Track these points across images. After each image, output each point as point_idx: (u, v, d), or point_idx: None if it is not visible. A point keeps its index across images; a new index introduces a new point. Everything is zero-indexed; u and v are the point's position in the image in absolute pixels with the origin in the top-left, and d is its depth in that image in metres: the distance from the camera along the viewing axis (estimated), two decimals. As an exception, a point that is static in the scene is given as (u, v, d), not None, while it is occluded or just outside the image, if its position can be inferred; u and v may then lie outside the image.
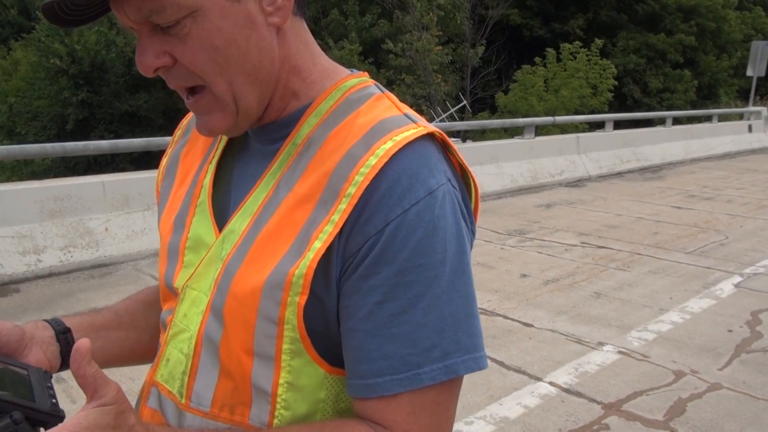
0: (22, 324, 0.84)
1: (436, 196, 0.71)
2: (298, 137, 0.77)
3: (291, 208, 0.73)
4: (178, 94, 0.75)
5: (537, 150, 9.28)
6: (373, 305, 0.70)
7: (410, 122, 0.75)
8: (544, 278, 4.83)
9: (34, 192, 4.71)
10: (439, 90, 17.79)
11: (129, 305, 1.00)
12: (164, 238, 0.88)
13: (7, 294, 4.23)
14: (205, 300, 0.78)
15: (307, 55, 0.79)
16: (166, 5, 0.66)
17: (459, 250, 0.73)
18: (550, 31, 24.00)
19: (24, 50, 25.15)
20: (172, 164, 0.94)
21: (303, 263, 0.70)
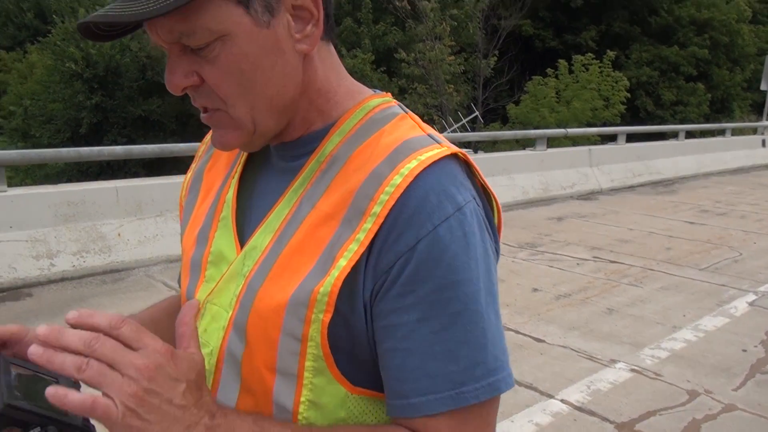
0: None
1: (465, 212, 0.71)
2: (322, 154, 0.78)
3: (314, 225, 0.73)
4: (190, 100, 0.75)
5: (549, 162, 9.26)
6: (413, 323, 0.70)
7: (434, 142, 0.76)
8: (555, 293, 4.80)
9: (49, 196, 4.74)
10: (451, 100, 17.81)
11: (153, 314, 1.01)
12: (187, 253, 0.89)
13: (20, 298, 4.25)
14: (225, 315, 0.78)
15: (333, 77, 0.80)
16: (196, 29, 0.68)
17: (488, 268, 0.74)
18: (562, 43, 24.00)
19: (40, 53, 25.40)
20: (196, 180, 0.95)
21: (328, 281, 0.70)
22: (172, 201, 5.28)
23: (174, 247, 5.14)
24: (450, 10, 18.36)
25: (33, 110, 21.98)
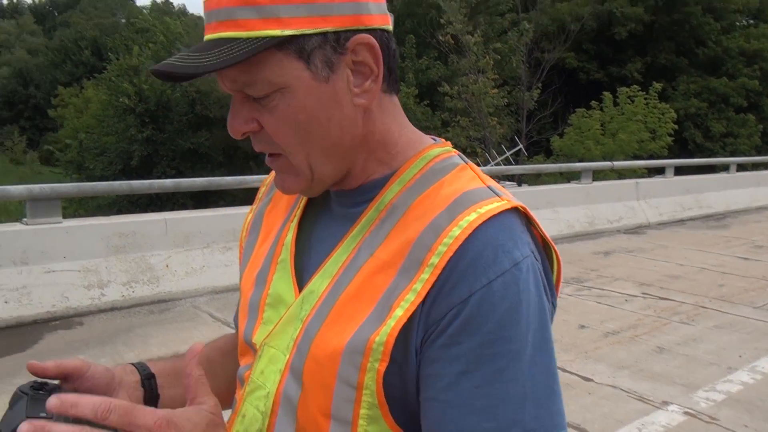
0: (112, 367, 0.86)
1: (521, 268, 0.71)
2: (381, 203, 0.78)
3: (372, 273, 0.74)
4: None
5: (594, 195, 9.12)
6: (455, 375, 0.69)
7: (494, 195, 0.75)
8: (603, 330, 4.68)
9: (101, 228, 4.88)
10: (495, 133, 17.79)
11: (208, 352, 1.01)
12: (245, 294, 0.90)
13: (71, 326, 4.35)
14: (282, 359, 0.79)
15: (394, 127, 0.81)
16: (257, 81, 0.71)
17: (541, 325, 0.72)
18: (607, 75, 23.85)
19: (95, 89, 26.44)
20: (257, 221, 0.97)
21: (384, 330, 0.70)
22: (218, 233, 5.37)
23: (220, 279, 5.21)
24: (493, 44, 18.45)
25: (87, 143, 22.82)
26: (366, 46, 0.73)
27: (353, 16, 0.72)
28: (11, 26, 62.75)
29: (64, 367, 0.79)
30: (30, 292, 4.37)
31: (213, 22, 0.71)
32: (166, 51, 22.39)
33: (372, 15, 0.74)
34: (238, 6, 0.69)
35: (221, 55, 0.68)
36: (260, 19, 0.68)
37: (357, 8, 0.72)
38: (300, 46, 0.70)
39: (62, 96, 34.13)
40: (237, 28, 0.69)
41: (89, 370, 0.81)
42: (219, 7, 0.70)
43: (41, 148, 36.69)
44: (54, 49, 46.04)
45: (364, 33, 0.73)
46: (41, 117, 41.36)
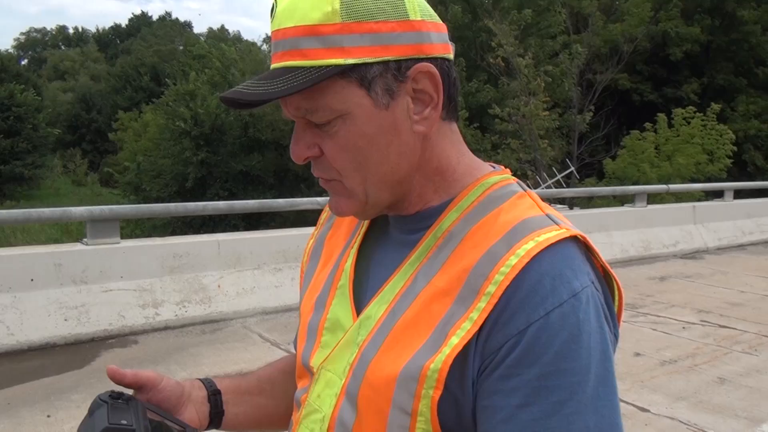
0: (182, 381, 0.89)
1: (580, 298, 0.70)
2: (439, 230, 0.79)
3: (428, 300, 0.74)
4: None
5: (649, 219, 8.89)
6: (513, 408, 0.68)
7: (553, 223, 0.75)
8: (660, 358, 4.53)
9: (157, 248, 5.01)
10: (545, 155, 17.60)
11: (270, 373, 1.04)
12: (304, 317, 0.92)
13: (126, 345, 4.46)
14: (339, 383, 0.80)
15: (453, 154, 0.82)
16: (319, 107, 0.73)
17: (603, 357, 0.70)
18: (661, 96, 23.35)
19: (153, 113, 27.33)
20: (318, 246, 0.99)
21: (439, 358, 0.70)
22: (268, 254, 5.44)
23: (270, 300, 5.27)
24: (545, 67, 18.32)
25: (145, 165, 23.55)
26: (426, 74, 0.74)
27: (414, 46, 0.74)
28: (76, 54, 65.70)
29: (139, 377, 0.83)
30: (88, 310, 4.51)
31: (279, 52, 0.74)
32: (221, 76, 23.05)
33: (433, 44, 0.76)
34: (303, 36, 0.71)
35: (287, 82, 0.71)
36: (324, 48, 0.71)
37: (418, 38, 0.74)
38: (362, 75, 0.72)
39: (122, 120, 35.40)
40: (302, 57, 0.71)
41: (162, 382, 0.85)
42: (285, 38, 0.73)
43: (101, 170, 38.02)
44: (115, 75, 47.92)
45: (425, 62, 0.74)
46: (102, 140, 42.95)
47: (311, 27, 0.71)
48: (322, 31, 0.71)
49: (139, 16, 76.97)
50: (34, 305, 4.33)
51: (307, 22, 0.71)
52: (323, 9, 0.71)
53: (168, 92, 24.37)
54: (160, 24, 72.19)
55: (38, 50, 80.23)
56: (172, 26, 71.15)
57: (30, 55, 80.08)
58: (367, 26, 0.71)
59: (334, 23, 0.71)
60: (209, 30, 71.77)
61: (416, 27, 0.74)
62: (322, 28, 0.71)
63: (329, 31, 0.71)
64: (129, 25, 75.51)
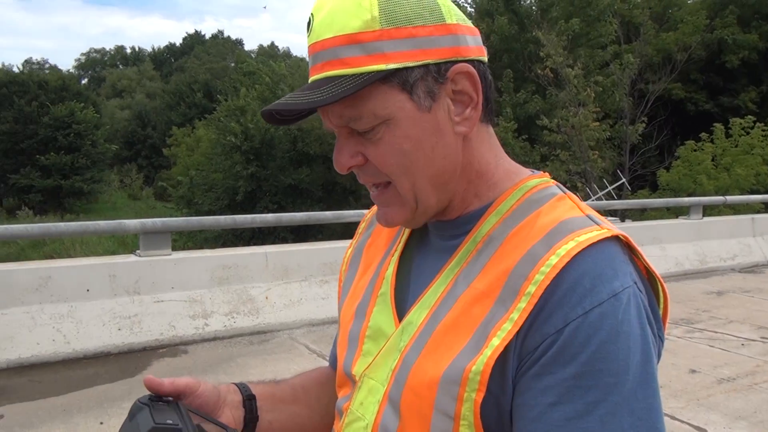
0: (218, 385, 0.90)
1: (621, 298, 0.69)
2: (478, 235, 0.79)
3: (469, 303, 0.74)
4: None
5: (705, 231, 8.61)
6: (545, 406, 0.68)
7: (593, 224, 0.74)
8: (717, 376, 4.36)
9: (207, 260, 5.11)
10: (596, 167, 17.26)
11: (304, 382, 1.04)
12: (345, 326, 0.92)
13: (177, 354, 4.55)
14: (381, 390, 0.80)
15: (491, 158, 0.82)
16: (363, 114, 0.74)
17: (644, 359, 0.69)
18: (717, 105, 22.67)
19: (205, 129, 28.03)
20: (356, 255, 1.00)
21: (480, 360, 0.70)
22: (315, 266, 5.49)
23: (316, 312, 5.30)
24: (594, 77, 18.02)
25: (197, 179, 24.11)
26: (465, 74, 0.76)
27: (452, 48, 0.75)
28: (133, 72, 67.99)
29: (177, 385, 0.84)
30: (141, 320, 4.62)
31: (318, 63, 0.75)
32: (270, 92, 23.47)
33: (469, 47, 0.77)
34: (344, 45, 0.73)
35: (330, 91, 0.72)
36: (365, 55, 0.72)
37: (456, 40, 0.75)
38: (403, 79, 0.73)
39: (176, 136, 36.43)
40: (343, 65, 0.73)
41: (200, 388, 0.86)
42: (324, 49, 0.74)
43: (156, 184, 39.13)
44: (170, 92, 49.42)
45: (463, 63, 0.75)
46: (157, 156, 44.27)
47: (351, 35, 0.72)
48: (363, 38, 0.72)
49: (193, 35, 79.30)
50: (90, 315, 4.46)
51: (347, 31, 0.72)
52: (363, 17, 0.72)
53: (219, 108, 24.94)
54: (213, 42, 74.17)
55: (97, 69, 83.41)
56: (224, 44, 73.00)
57: (90, 74, 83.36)
58: (406, 31, 0.73)
59: (374, 30, 0.72)
60: (259, 47, 73.39)
61: (453, 30, 0.75)
62: (363, 36, 0.72)
63: (370, 38, 0.72)
64: (183, 43, 77.91)
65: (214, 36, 78.72)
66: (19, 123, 35.76)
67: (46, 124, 35.69)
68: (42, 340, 4.25)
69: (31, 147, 35.43)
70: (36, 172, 34.97)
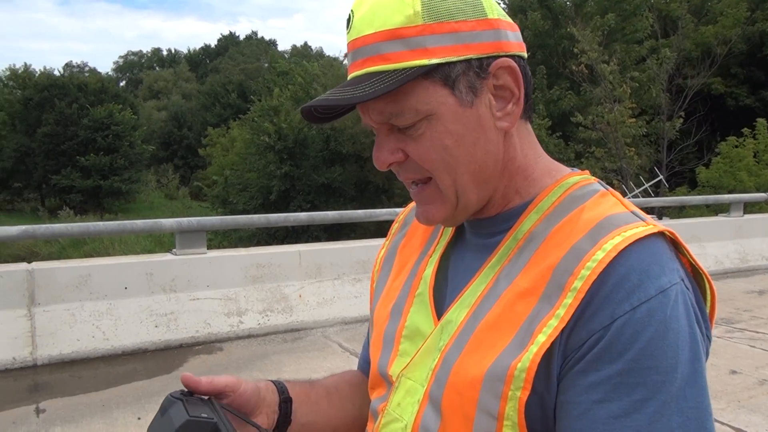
0: (257, 382, 0.90)
1: (669, 295, 0.67)
2: (519, 232, 0.78)
3: (512, 300, 0.73)
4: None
5: (746, 229, 8.40)
6: (591, 403, 0.66)
7: (638, 219, 0.73)
8: (759, 377, 4.25)
9: (241, 259, 5.17)
10: (632, 164, 16.97)
11: (338, 384, 1.03)
12: (380, 326, 0.91)
13: (212, 352, 4.61)
14: (420, 390, 0.79)
15: (531, 154, 0.82)
16: (405, 110, 0.74)
17: (693, 357, 0.68)
18: (759, 100, 22.09)
19: (240, 129, 28.36)
20: (390, 256, 0.99)
21: (526, 356, 0.68)
22: (348, 265, 5.51)
23: (349, 310, 5.32)
24: (631, 72, 17.71)
25: (232, 179, 24.42)
26: (507, 69, 0.75)
27: (494, 43, 0.75)
28: (169, 74, 69.12)
29: (215, 384, 0.83)
30: (177, 318, 4.70)
31: (359, 59, 0.75)
32: (303, 91, 23.64)
33: (510, 42, 0.77)
34: (386, 41, 0.72)
35: (372, 86, 0.71)
36: (408, 50, 0.72)
37: (497, 35, 0.75)
38: (446, 74, 0.73)
39: (211, 136, 36.90)
40: (385, 61, 0.72)
41: (240, 387, 0.85)
42: (365, 44, 0.74)
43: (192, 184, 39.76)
44: (205, 93, 50.14)
45: (504, 57, 0.75)
46: (192, 156, 44.97)
47: (393, 31, 0.72)
48: (405, 33, 0.72)
49: (227, 36, 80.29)
50: (128, 312, 4.55)
51: (389, 26, 0.72)
52: (405, 12, 0.72)
53: (253, 108, 25.23)
54: (247, 43, 75.01)
55: (135, 72, 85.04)
56: (258, 45, 73.77)
57: (127, 76, 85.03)
58: (448, 26, 0.72)
59: (416, 25, 0.72)
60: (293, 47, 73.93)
61: (494, 25, 0.75)
62: (405, 31, 0.72)
63: (412, 33, 0.72)
64: (218, 45, 78.91)
65: (248, 37, 79.65)
66: (60, 125, 36.68)
67: (86, 125, 36.54)
68: (82, 336, 4.35)
69: (72, 148, 36.31)
70: (76, 173, 35.84)
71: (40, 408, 3.57)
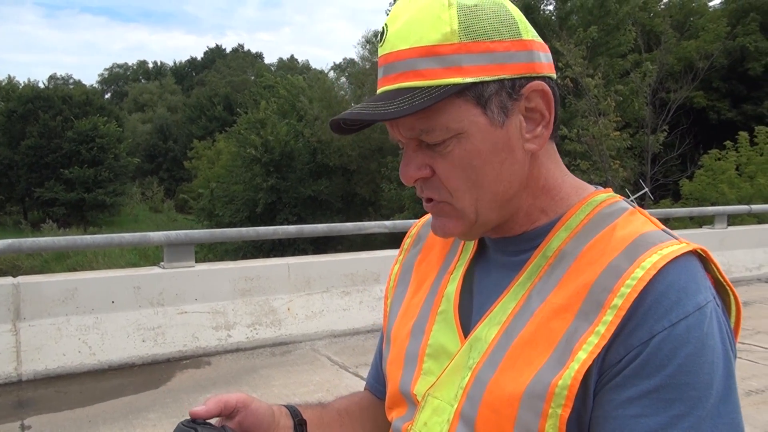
0: (272, 405, 0.89)
1: (705, 312, 0.69)
2: (549, 249, 0.78)
3: (547, 317, 0.73)
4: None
5: (730, 241, 8.49)
6: (627, 418, 0.67)
7: (672, 238, 0.74)
8: (745, 388, 4.29)
9: (230, 272, 5.14)
10: (617, 176, 17.12)
11: (348, 406, 1.03)
12: (399, 345, 0.90)
13: (200, 366, 4.57)
14: (449, 409, 0.79)
15: (557, 174, 0.82)
16: (436, 127, 0.74)
17: (727, 374, 0.69)
18: (741, 113, 22.42)
19: (226, 141, 28.30)
20: (405, 272, 0.98)
21: (567, 374, 0.69)
22: (337, 278, 5.50)
23: (338, 323, 5.30)
24: (615, 86, 17.91)
25: (218, 192, 24.32)
26: (540, 92, 0.76)
27: (528, 64, 0.75)
28: (155, 87, 68.92)
29: (227, 403, 0.82)
30: (164, 332, 4.66)
31: (392, 74, 0.75)
32: (288, 105, 23.65)
33: (543, 63, 0.77)
34: (421, 57, 0.72)
35: (406, 102, 0.71)
36: (443, 68, 0.72)
37: (531, 57, 0.75)
38: (479, 93, 0.73)
39: (197, 149, 36.80)
40: (419, 77, 0.72)
41: (253, 403, 0.85)
42: (399, 60, 0.74)
43: (177, 197, 39.56)
44: (191, 106, 50.02)
45: (537, 80, 0.75)
46: (178, 168, 44.78)
47: (430, 48, 0.72)
48: (441, 51, 0.72)
49: (214, 49, 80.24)
50: (115, 326, 4.51)
51: (425, 43, 0.72)
52: (442, 30, 0.72)
53: (239, 121, 25.20)
54: (233, 56, 75.01)
55: (120, 84, 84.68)
56: (244, 57, 73.78)
57: (113, 89, 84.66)
58: (484, 45, 0.72)
59: (452, 43, 0.72)
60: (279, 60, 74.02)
61: (528, 46, 0.75)
62: (441, 49, 0.72)
63: (448, 51, 0.72)
64: (204, 57, 78.87)
65: (234, 50, 79.61)
66: (44, 137, 36.41)
67: (70, 138, 36.29)
68: (68, 351, 4.30)
69: (56, 161, 36.03)
70: (60, 186, 35.54)
71: (25, 425, 3.52)
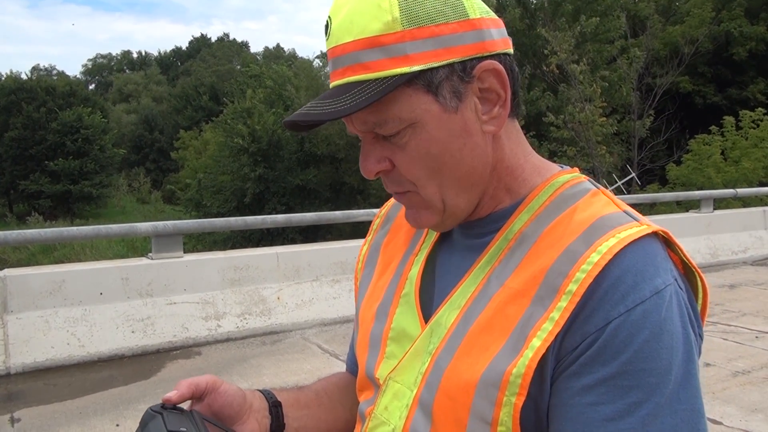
0: (244, 389, 0.88)
1: (663, 296, 0.67)
2: (510, 232, 0.77)
3: (504, 303, 0.72)
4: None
5: (716, 225, 8.57)
6: (584, 406, 0.66)
7: (632, 220, 0.73)
8: (731, 369, 4.34)
9: (218, 262, 5.12)
10: (604, 162, 17.18)
11: (326, 387, 1.02)
12: (365, 327, 0.89)
13: (190, 356, 4.57)
14: (408, 394, 0.78)
15: (519, 153, 0.80)
16: (388, 119, 0.72)
17: (686, 358, 0.68)
18: (726, 98, 22.53)
19: (213, 131, 28.13)
20: (373, 253, 0.97)
21: (521, 362, 0.67)
22: (326, 266, 5.49)
23: (328, 311, 5.31)
24: (601, 72, 17.93)
25: (205, 182, 24.21)
26: (492, 72, 0.73)
27: (477, 44, 0.72)
28: (140, 77, 68.26)
29: (197, 383, 0.81)
30: (154, 322, 4.64)
31: (339, 68, 0.73)
32: (276, 94, 23.50)
33: (495, 40, 0.74)
34: (365, 49, 0.70)
35: (353, 98, 0.69)
36: (388, 58, 0.70)
37: (480, 36, 0.73)
38: (428, 80, 0.71)
39: (183, 139, 36.54)
40: (365, 70, 0.70)
41: (222, 386, 0.84)
42: (344, 53, 0.72)
43: (164, 188, 39.31)
44: (176, 96, 49.61)
45: (488, 59, 0.73)
46: (164, 159, 44.47)
47: (372, 39, 0.70)
48: (384, 41, 0.69)
49: (199, 38, 79.49)
50: (104, 318, 4.48)
51: (368, 34, 0.70)
52: (383, 19, 0.69)
53: (226, 110, 25.04)
54: (219, 45, 74.35)
55: (104, 75, 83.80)
56: (230, 46, 73.16)
57: (97, 79, 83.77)
58: (429, 30, 0.70)
59: (395, 32, 0.69)
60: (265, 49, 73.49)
61: (477, 25, 0.72)
62: (384, 39, 0.69)
63: (391, 40, 0.69)
64: (189, 47, 78.11)
65: (219, 39, 78.90)
66: (28, 129, 36.02)
67: (55, 129, 35.92)
68: (57, 343, 4.27)
69: (40, 153, 35.67)
70: (45, 178, 35.21)
71: (14, 417, 3.50)
